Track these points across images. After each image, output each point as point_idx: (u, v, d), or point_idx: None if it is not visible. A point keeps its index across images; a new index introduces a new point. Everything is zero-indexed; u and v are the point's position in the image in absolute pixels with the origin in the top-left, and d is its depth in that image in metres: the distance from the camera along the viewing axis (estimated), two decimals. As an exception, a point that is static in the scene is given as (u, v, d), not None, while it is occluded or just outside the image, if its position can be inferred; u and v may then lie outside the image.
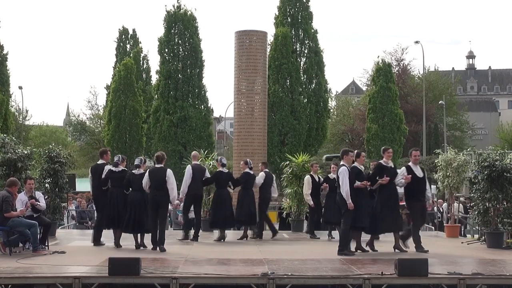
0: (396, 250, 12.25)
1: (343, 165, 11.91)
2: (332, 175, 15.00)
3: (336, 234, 14.90)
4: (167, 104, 41.34)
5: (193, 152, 15.87)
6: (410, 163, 12.41)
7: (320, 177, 16.13)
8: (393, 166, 12.59)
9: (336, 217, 14.76)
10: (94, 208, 15.59)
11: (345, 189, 11.67)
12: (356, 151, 12.62)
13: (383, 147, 13.42)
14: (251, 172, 15.24)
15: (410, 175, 12.14)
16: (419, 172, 12.13)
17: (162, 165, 12.99)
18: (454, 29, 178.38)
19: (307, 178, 15.81)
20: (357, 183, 11.88)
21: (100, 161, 13.90)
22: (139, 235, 13.11)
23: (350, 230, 11.97)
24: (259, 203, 15.59)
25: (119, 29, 56.73)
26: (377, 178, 12.17)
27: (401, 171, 12.35)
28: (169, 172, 12.87)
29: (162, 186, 12.68)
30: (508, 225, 13.64)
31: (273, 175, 16.15)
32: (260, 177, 15.34)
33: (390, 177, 12.12)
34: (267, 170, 15.81)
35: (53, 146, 16.45)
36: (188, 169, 14.70)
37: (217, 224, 15.00)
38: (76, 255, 11.82)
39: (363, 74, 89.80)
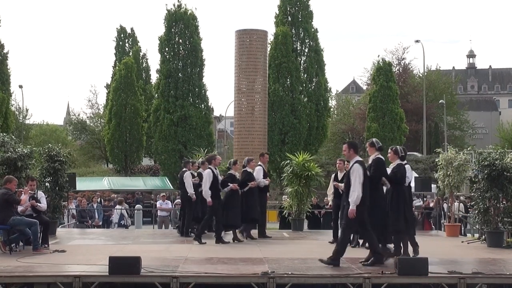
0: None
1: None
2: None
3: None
4: (168, 103, 41.34)
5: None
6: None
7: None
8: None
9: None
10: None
11: None
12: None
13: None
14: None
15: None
16: None
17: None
18: (452, 28, 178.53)
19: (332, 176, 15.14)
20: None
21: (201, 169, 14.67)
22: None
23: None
24: None
25: (117, 28, 56.71)
26: None
27: None
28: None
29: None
30: (508, 224, 13.64)
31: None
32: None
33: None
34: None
35: (52, 145, 16.46)
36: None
37: None
38: (77, 254, 11.81)
39: (363, 73, 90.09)
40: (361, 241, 13.78)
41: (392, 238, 10.93)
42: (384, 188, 10.97)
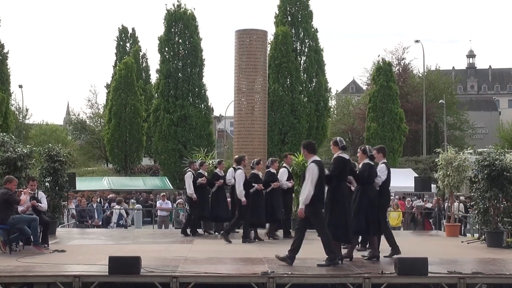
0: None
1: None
2: None
3: None
4: (167, 103, 41.34)
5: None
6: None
7: None
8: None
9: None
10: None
11: None
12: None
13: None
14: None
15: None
16: None
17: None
18: (452, 28, 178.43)
19: None
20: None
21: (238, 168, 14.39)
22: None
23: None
24: None
25: (119, 28, 56.86)
26: None
27: None
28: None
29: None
30: (508, 224, 13.65)
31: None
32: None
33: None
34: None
35: (52, 144, 16.46)
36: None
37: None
38: (76, 254, 11.81)
39: (363, 73, 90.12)
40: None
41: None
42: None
